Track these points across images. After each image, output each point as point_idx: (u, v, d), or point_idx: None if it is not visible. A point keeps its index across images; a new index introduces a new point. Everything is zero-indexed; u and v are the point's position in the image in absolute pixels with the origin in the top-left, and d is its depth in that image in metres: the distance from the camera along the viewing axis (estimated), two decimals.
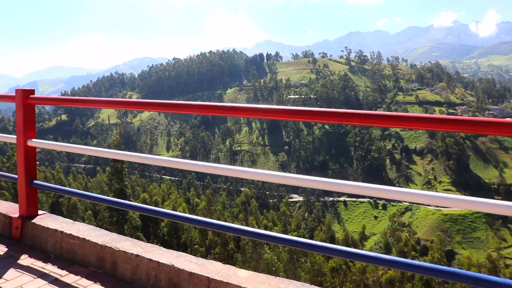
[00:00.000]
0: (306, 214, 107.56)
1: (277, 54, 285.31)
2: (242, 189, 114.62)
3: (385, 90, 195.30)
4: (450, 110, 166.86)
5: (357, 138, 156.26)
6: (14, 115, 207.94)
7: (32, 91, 3.79)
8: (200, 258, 2.85)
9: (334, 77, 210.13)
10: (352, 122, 2.33)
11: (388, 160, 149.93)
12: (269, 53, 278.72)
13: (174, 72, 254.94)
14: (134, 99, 3.38)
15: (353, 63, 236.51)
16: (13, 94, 3.77)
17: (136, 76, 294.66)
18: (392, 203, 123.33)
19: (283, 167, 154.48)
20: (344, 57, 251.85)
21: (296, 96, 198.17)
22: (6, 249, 3.46)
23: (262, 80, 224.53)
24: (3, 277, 2.93)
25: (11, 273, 3.00)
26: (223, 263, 2.78)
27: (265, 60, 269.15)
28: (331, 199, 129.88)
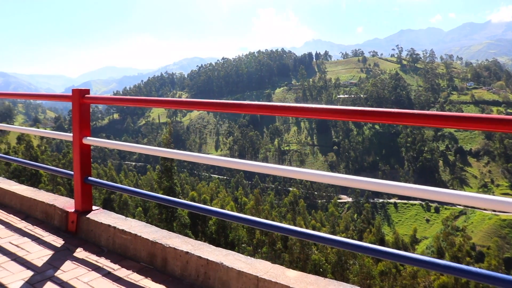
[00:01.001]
0: (355, 215, 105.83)
1: (326, 53, 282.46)
2: (290, 189, 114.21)
3: (438, 90, 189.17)
4: (509, 110, 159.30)
5: (409, 139, 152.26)
6: (69, 114, 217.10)
7: (87, 91, 3.92)
8: (248, 257, 2.85)
9: (385, 76, 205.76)
10: (404, 122, 2.26)
11: (441, 162, 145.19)
12: (318, 52, 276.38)
13: (223, 71, 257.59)
14: (183, 99, 3.43)
15: (404, 62, 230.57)
16: (70, 94, 3.92)
17: (186, 76, 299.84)
18: (445, 206, 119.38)
19: (332, 168, 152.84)
20: (395, 55, 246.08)
21: (346, 96, 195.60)
22: (63, 241, 3.61)
23: (311, 80, 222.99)
24: (61, 268, 3.06)
25: (68, 264, 3.13)
26: (271, 263, 2.77)
27: (314, 59, 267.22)
28: (381, 200, 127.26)
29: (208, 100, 3.09)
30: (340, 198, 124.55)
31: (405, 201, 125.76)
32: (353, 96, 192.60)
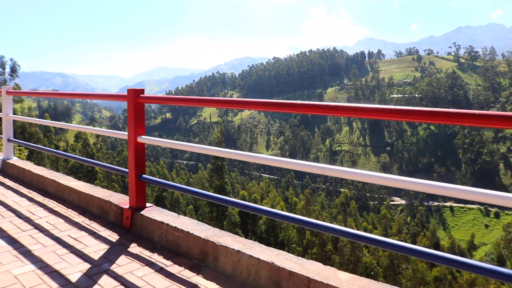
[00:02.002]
0: (409, 218, 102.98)
1: (379, 52, 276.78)
2: (342, 189, 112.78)
3: (499, 89, 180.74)
4: None
5: (466, 140, 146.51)
6: (123, 113, 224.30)
7: (142, 91, 4.02)
8: (300, 257, 2.83)
9: (441, 75, 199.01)
10: (461, 123, 2.16)
11: (502, 165, 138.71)
12: (370, 51, 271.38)
13: (274, 71, 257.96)
14: (235, 98, 3.44)
15: (462, 60, 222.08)
16: (125, 93, 4.04)
17: (237, 75, 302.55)
18: (506, 211, 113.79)
19: (385, 169, 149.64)
20: (452, 53, 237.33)
21: (400, 95, 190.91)
22: (118, 237, 3.73)
23: (363, 79, 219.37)
24: (116, 262, 3.16)
25: (122, 259, 3.23)
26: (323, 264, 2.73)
27: (366, 58, 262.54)
28: (436, 203, 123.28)
29: (259, 100, 3.08)
30: (393, 200, 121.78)
31: (462, 205, 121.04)
32: (407, 95, 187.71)
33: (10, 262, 3.16)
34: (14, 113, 6.81)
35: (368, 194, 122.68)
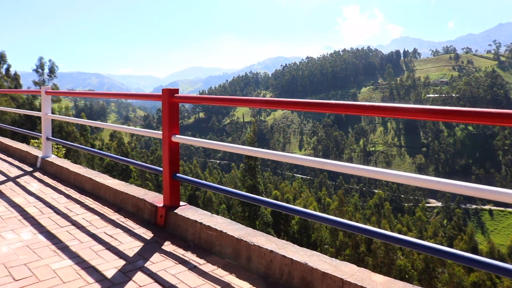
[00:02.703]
0: (445, 221, 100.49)
1: (415, 50, 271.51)
2: (376, 191, 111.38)
3: None
4: None
5: (507, 141, 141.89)
6: (157, 112, 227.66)
7: (176, 91, 4.06)
8: (333, 258, 2.79)
9: (480, 74, 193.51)
10: (502, 123, 2.07)
11: None
12: (406, 50, 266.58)
13: (307, 71, 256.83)
14: (268, 98, 3.44)
15: (503, 58, 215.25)
16: (160, 93, 4.09)
17: (270, 75, 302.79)
18: None
19: (420, 170, 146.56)
20: (492, 51, 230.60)
21: (436, 95, 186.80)
22: (152, 234, 3.78)
23: (398, 79, 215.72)
24: (150, 259, 3.21)
25: (156, 256, 3.27)
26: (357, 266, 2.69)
27: (402, 57, 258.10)
28: (474, 206, 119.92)
29: (292, 100, 3.07)
30: (428, 202, 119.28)
31: (502, 209, 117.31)
32: (444, 95, 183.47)
33: (49, 257, 3.25)
34: (52, 113, 7.01)
35: (402, 196, 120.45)
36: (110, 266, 3.09)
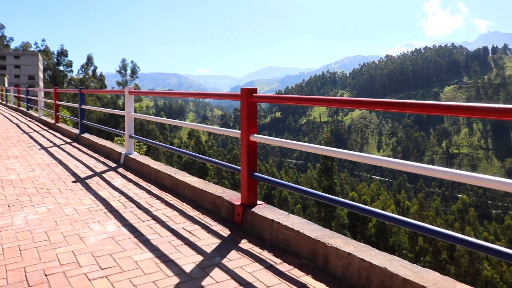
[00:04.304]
0: None
1: (505, 46, 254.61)
2: (459, 195, 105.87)
3: None
4: None
5: None
6: (234, 112, 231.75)
7: (254, 90, 4.08)
8: (415, 264, 2.66)
9: None
10: None
11: None
12: (495, 46, 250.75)
13: (386, 70, 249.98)
14: (345, 97, 3.35)
15: None
16: (238, 93, 4.14)
17: (348, 74, 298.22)
18: None
19: (510, 174, 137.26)
20: None
21: None
22: (229, 232, 3.83)
23: (486, 77, 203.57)
24: (227, 256, 3.25)
25: (233, 254, 3.30)
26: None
27: (490, 54, 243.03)
28: None
29: (371, 99, 2.96)
30: None
31: None
32: None
33: (132, 249, 3.41)
34: (134, 112, 7.36)
35: (490, 202, 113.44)
36: (188, 261, 3.17)
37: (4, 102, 31.29)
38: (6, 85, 76.40)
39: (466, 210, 75.62)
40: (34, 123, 15.66)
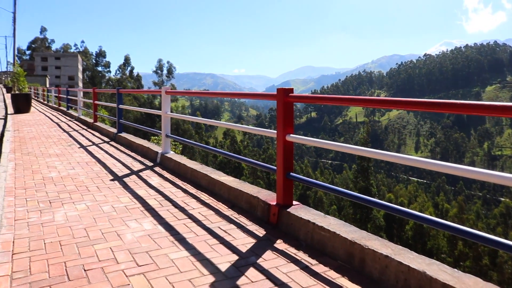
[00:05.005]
0: None
1: None
2: (502, 199, 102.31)
3: None
4: None
5: None
6: (269, 112, 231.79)
7: (291, 90, 4.08)
8: (455, 269, 2.58)
9: None
10: None
11: None
12: None
13: (425, 69, 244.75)
14: (382, 97, 3.29)
15: None
16: (274, 93, 4.14)
17: (385, 74, 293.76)
18: None
19: None
20: None
21: None
22: (264, 232, 3.83)
23: None
24: (262, 256, 3.25)
25: (268, 254, 3.30)
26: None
27: None
28: None
29: (409, 99, 2.91)
30: None
31: None
32: None
33: (168, 247, 3.46)
34: (170, 111, 7.47)
35: None
36: (223, 260, 3.19)
37: (45, 102, 32.36)
38: (48, 85, 79.13)
39: (510, 215, 73.01)
40: (74, 122, 16.12)
